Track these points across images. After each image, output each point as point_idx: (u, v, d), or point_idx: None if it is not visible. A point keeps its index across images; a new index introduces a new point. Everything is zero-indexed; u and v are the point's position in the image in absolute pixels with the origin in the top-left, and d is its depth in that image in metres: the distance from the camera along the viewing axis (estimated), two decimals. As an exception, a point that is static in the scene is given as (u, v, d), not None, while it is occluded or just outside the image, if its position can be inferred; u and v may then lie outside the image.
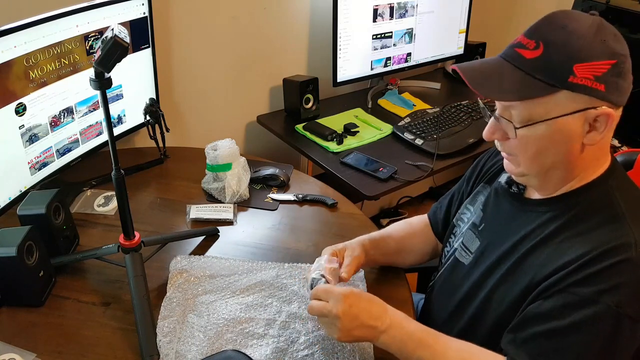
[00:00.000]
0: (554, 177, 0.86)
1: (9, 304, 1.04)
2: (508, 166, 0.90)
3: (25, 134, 1.19)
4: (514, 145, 0.84)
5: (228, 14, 1.73)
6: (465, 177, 1.14)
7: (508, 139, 0.85)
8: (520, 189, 0.95)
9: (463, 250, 1.01)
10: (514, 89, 0.79)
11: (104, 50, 0.82)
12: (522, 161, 0.85)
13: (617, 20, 2.07)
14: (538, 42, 0.78)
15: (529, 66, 0.79)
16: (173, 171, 1.53)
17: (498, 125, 0.85)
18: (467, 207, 1.07)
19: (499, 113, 0.84)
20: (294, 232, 1.30)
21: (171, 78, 1.69)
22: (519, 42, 0.81)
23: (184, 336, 0.98)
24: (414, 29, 2.05)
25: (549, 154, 0.82)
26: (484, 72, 0.83)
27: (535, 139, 0.81)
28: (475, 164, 1.12)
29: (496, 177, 1.03)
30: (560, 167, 0.84)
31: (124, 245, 1.05)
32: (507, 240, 0.91)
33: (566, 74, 0.76)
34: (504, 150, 0.88)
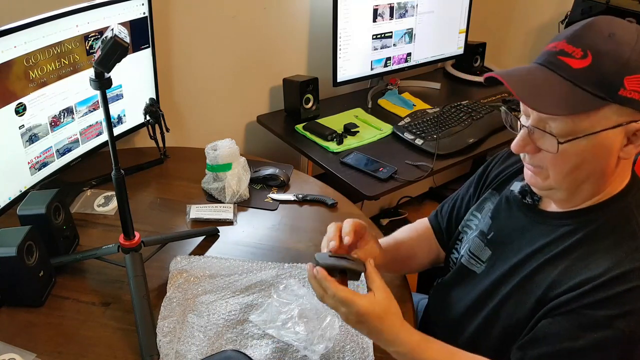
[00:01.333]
0: (584, 191, 0.82)
1: (9, 304, 1.04)
2: (532, 179, 0.84)
3: (25, 134, 1.19)
4: (549, 159, 0.79)
5: (228, 14, 1.73)
6: (470, 183, 1.11)
7: (539, 151, 0.80)
8: (535, 200, 0.91)
9: (472, 258, 0.98)
10: (564, 102, 0.73)
11: (104, 50, 0.82)
12: (555, 175, 0.80)
13: (617, 20, 2.07)
14: (585, 50, 0.73)
15: (578, 77, 0.73)
16: (173, 171, 1.53)
17: (530, 138, 0.79)
18: (474, 214, 1.04)
19: (534, 124, 0.78)
20: (294, 232, 1.30)
21: (171, 78, 1.69)
22: (561, 49, 0.75)
23: (184, 336, 0.98)
24: (414, 29, 2.05)
25: (586, 169, 0.78)
26: (531, 83, 0.76)
27: (575, 154, 0.76)
28: (483, 169, 1.09)
29: (506, 184, 0.99)
30: (593, 181, 0.80)
31: (124, 245, 1.05)
32: (519, 251, 0.88)
33: (617, 86, 0.71)
34: (531, 163, 0.83)
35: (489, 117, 1.89)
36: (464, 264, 1.00)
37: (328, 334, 0.97)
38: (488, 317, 0.90)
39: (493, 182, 1.04)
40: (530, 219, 0.91)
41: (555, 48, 0.76)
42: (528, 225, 0.90)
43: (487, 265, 0.95)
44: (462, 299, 0.97)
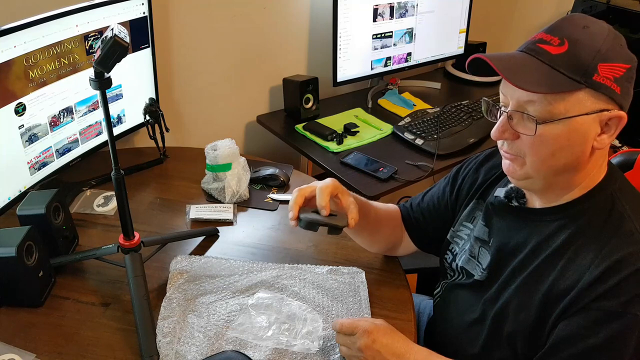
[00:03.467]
0: (560, 181, 0.84)
1: (9, 304, 1.03)
2: (510, 168, 0.86)
3: (24, 133, 1.19)
4: (527, 144, 0.82)
5: (228, 14, 1.73)
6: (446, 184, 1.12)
7: (518, 137, 0.82)
8: (521, 202, 0.93)
9: (476, 265, 0.99)
10: (543, 82, 0.77)
11: (103, 50, 0.82)
12: (532, 162, 0.82)
13: (617, 20, 2.07)
14: (562, 38, 0.78)
15: (555, 61, 0.78)
16: (173, 171, 1.53)
17: (509, 124, 0.83)
18: (465, 224, 1.05)
19: (513, 108, 0.81)
20: (294, 232, 1.30)
21: (171, 78, 1.69)
22: (540, 38, 0.81)
23: (183, 336, 0.98)
24: (414, 29, 2.04)
25: (562, 155, 0.80)
26: (514, 64, 0.80)
27: (552, 138, 0.79)
28: (455, 173, 1.11)
29: (488, 191, 1.01)
30: (569, 170, 0.83)
31: (124, 245, 1.05)
32: (517, 253, 0.89)
33: (591, 71, 0.76)
34: (509, 151, 0.85)
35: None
36: (465, 267, 1.01)
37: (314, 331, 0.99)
38: (493, 322, 0.90)
39: (473, 190, 1.04)
40: (519, 219, 0.92)
41: (534, 38, 0.82)
42: (519, 226, 0.92)
43: (488, 271, 0.95)
44: (469, 310, 0.97)
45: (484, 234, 0.98)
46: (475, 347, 0.94)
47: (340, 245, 1.26)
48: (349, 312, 1.06)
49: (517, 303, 0.87)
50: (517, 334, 0.86)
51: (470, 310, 0.96)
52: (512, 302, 0.87)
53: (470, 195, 1.05)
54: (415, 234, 1.16)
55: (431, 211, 1.13)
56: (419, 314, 1.26)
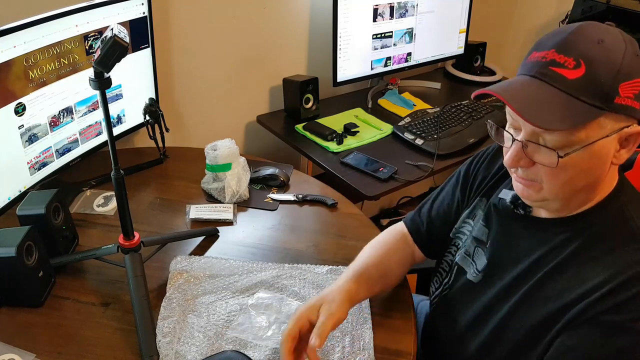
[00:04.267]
0: (578, 199, 0.81)
1: (9, 304, 1.03)
2: (525, 192, 0.81)
3: (24, 134, 1.19)
4: (545, 172, 0.77)
5: (228, 14, 1.73)
6: (454, 187, 1.07)
7: (534, 164, 0.77)
8: (527, 211, 0.89)
9: (470, 266, 0.97)
10: (564, 116, 0.70)
11: (103, 50, 0.82)
12: (550, 188, 0.78)
13: (617, 20, 2.07)
14: (578, 59, 0.71)
15: (574, 88, 0.71)
16: (173, 171, 1.53)
17: (523, 152, 0.77)
18: (466, 221, 1.02)
19: (527, 138, 0.76)
20: (294, 232, 1.30)
21: (171, 78, 1.69)
22: (552, 59, 0.73)
23: (183, 336, 0.98)
24: (414, 29, 2.04)
25: (581, 179, 0.76)
26: (529, 97, 0.73)
27: (572, 166, 0.74)
28: (465, 172, 1.06)
29: (493, 190, 0.97)
30: (588, 189, 0.79)
31: (124, 245, 1.05)
32: (520, 261, 0.87)
33: (613, 94, 0.70)
34: (526, 177, 0.80)
35: (489, 117, 1.89)
36: (459, 263, 0.99)
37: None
38: (494, 332, 0.88)
39: (480, 187, 1.01)
40: (524, 227, 0.89)
41: (544, 58, 0.74)
42: (523, 234, 0.89)
43: (484, 274, 0.93)
44: (464, 312, 0.95)
45: (482, 235, 0.96)
46: (471, 349, 0.92)
47: (340, 245, 1.26)
48: (349, 312, 1.06)
49: (521, 312, 0.84)
50: (517, 342, 0.84)
51: (467, 313, 0.95)
52: (516, 311, 0.85)
53: (476, 192, 1.02)
54: (428, 247, 1.11)
55: (443, 219, 1.08)
56: (418, 314, 1.26)
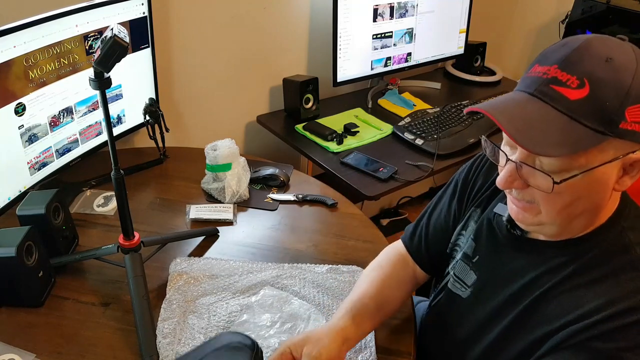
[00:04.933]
0: (577, 225, 0.76)
1: (9, 305, 1.03)
2: (520, 216, 0.77)
3: (24, 134, 1.19)
4: (540, 195, 0.72)
5: (228, 14, 1.73)
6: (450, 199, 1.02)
7: (528, 186, 0.73)
8: (524, 231, 0.84)
9: (457, 282, 0.94)
10: (562, 140, 0.65)
11: (103, 50, 0.82)
12: (547, 212, 0.74)
13: (617, 20, 2.07)
14: (582, 79, 0.65)
15: (576, 110, 0.65)
16: (173, 171, 1.53)
17: (517, 173, 0.72)
18: (461, 233, 0.97)
19: (521, 159, 0.71)
20: (294, 232, 1.30)
21: (171, 78, 1.69)
22: (554, 77, 0.67)
23: (184, 338, 0.98)
24: (414, 29, 2.04)
25: (580, 205, 0.72)
26: (524, 118, 0.67)
27: (570, 192, 0.70)
28: (463, 182, 0.99)
29: (488, 200, 0.93)
30: (587, 215, 0.75)
31: (124, 245, 1.05)
32: (512, 281, 0.83)
33: (618, 119, 0.64)
34: (521, 199, 0.75)
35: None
36: (450, 287, 0.96)
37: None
38: (488, 350, 0.86)
39: (478, 195, 0.96)
40: (518, 247, 0.85)
41: (546, 75, 0.68)
42: (516, 254, 0.85)
43: (473, 290, 0.91)
44: (456, 327, 0.93)
45: (469, 249, 0.92)
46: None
47: (340, 245, 1.26)
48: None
49: (511, 336, 0.82)
50: None
51: (458, 328, 0.93)
52: (507, 334, 0.83)
53: (473, 200, 0.97)
54: (429, 265, 1.05)
55: (441, 235, 1.02)
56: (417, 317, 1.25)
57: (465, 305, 0.92)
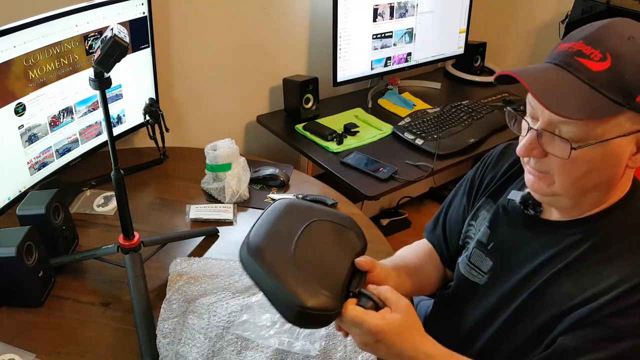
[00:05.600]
0: (589, 199, 0.80)
1: (9, 305, 1.03)
2: (535, 185, 0.80)
3: (24, 134, 1.19)
4: (557, 165, 0.75)
5: (228, 14, 1.73)
6: (463, 193, 1.06)
7: (546, 155, 0.76)
8: (537, 211, 0.87)
9: (473, 269, 0.95)
10: (583, 106, 0.69)
11: (103, 50, 0.82)
12: (561, 182, 0.77)
13: (617, 20, 2.07)
14: (605, 53, 0.70)
15: (597, 80, 0.70)
16: (173, 171, 1.53)
17: (537, 141, 0.76)
18: (470, 224, 1.01)
19: (543, 127, 0.75)
20: (294, 232, 1.30)
21: (171, 78, 1.69)
22: (578, 50, 0.72)
23: (184, 338, 0.98)
24: (414, 29, 2.04)
25: (594, 177, 0.75)
26: (549, 83, 0.72)
27: (585, 161, 0.73)
28: (472, 176, 1.05)
29: (501, 191, 0.96)
30: (600, 189, 0.78)
31: (124, 245, 1.05)
32: (525, 264, 0.86)
33: (636, 92, 0.69)
34: (537, 168, 0.79)
35: (490, 117, 1.89)
36: (464, 274, 0.97)
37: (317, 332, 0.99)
38: (498, 333, 0.88)
39: (487, 188, 1.00)
40: (533, 229, 0.88)
41: (571, 49, 0.73)
42: (531, 236, 0.87)
43: (490, 276, 0.92)
44: (468, 314, 0.95)
45: (484, 237, 0.95)
46: (475, 350, 0.92)
47: (340, 245, 1.26)
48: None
49: (526, 314, 0.83)
50: (522, 343, 0.84)
51: (471, 314, 0.94)
52: (522, 313, 0.84)
53: (482, 194, 1.01)
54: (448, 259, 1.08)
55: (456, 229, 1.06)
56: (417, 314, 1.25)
57: (482, 291, 0.93)
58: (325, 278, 0.75)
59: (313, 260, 0.77)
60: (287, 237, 0.79)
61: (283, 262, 0.75)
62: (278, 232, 0.79)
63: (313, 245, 0.79)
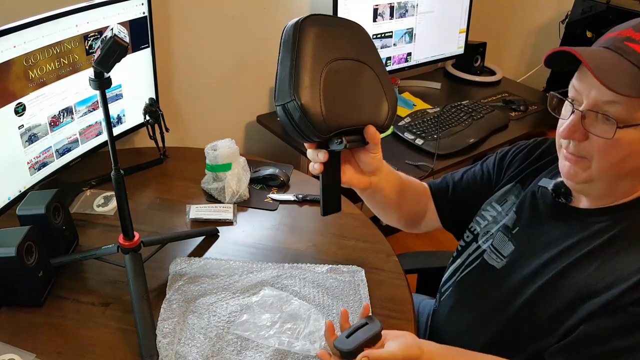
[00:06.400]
0: (622, 186, 0.81)
1: (9, 305, 1.03)
2: (571, 170, 0.81)
3: (24, 134, 1.19)
4: (597, 146, 0.77)
5: (228, 14, 1.73)
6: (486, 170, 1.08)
7: (587, 138, 0.78)
8: (568, 199, 0.89)
9: (494, 253, 0.97)
10: (632, 84, 0.72)
11: (103, 50, 0.82)
12: (599, 165, 0.78)
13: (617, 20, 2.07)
14: None
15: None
16: (173, 171, 1.53)
17: (581, 124, 0.77)
18: (493, 206, 1.02)
19: (589, 108, 0.76)
20: (294, 232, 1.30)
21: (171, 78, 1.69)
22: (628, 36, 0.75)
23: (184, 338, 0.98)
24: (414, 29, 2.04)
25: (631, 162, 0.77)
26: (603, 61, 0.74)
27: (626, 143, 0.75)
28: (501, 158, 1.06)
29: (530, 178, 0.98)
30: (635, 175, 0.79)
31: (124, 245, 1.05)
32: (548, 248, 0.87)
33: None
34: (575, 152, 0.80)
35: (490, 117, 1.89)
36: (486, 259, 0.98)
37: (317, 332, 0.99)
38: (516, 315, 0.88)
39: (516, 175, 1.01)
40: (560, 216, 0.89)
41: (620, 35, 0.76)
42: (557, 222, 0.89)
43: (509, 260, 0.93)
44: (485, 295, 0.95)
45: (510, 221, 0.96)
46: (490, 333, 0.92)
47: (340, 245, 1.26)
48: (350, 311, 1.05)
49: (545, 298, 0.84)
50: (539, 327, 0.84)
51: (487, 298, 0.94)
52: (541, 296, 0.85)
53: (511, 177, 1.02)
54: (444, 211, 1.12)
55: (467, 189, 1.09)
56: (419, 314, 1.26)
57: (498, 276, 0.94)
58: (333, 105, 0.75)
59: (335, 83, 0.75)
60: (336, 50, 0.77)
61: (314, 59, 0.74)
62: (332, 39, 0.77)
63: (348, 78, 0.77)
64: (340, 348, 0.80)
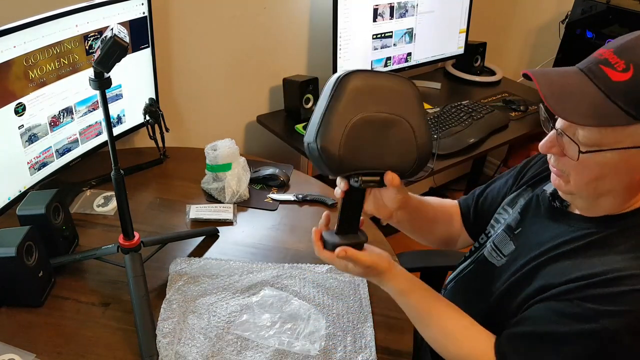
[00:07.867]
0: (605, 203, 0.82)
1: (9, 304, 1.03)
2: (556, 182, 0.85)
3: (24, 134, 1.19)
4: (571, 165, 0.79)
5: (228, 14, 1.73)
6: (509, 177, 1.11)
7: (565, 155, 0.79)
8: (564, 205, 0.91)
9: (494, 250, 0.99)
10: (593, 113, 0.72)
11: (103, 50, 0.82)
12: (575, 182, 0.80)
13: (617, 20, 2.07)
14: (628, 64, 0.71)
15: (613, 90, 0.71)
16: (173, 171, 1.53)
17: (557, 140, 0.79)
18: (505, 209, 1.05)
19: (562, 128, 0.78)
20: (294, 232, 1.30)
21: (171, 78, 1.69)
22: (605, 58, 0.74)
23: (184, 337, 0.98)
24: (414, 29, 2.04)
25: (607, 182, 0.78)
26: (563, 88, 0.75)
27: (596, 165, 0.76)
28: (522, 166, 1.09)
29: (541, 183, 1.00)
30: (615, 195, 0.80)
31: (124, 245, 1.05)
32: (538, 247, 0.89)
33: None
34: (556, 166, 0.83)
35: (490, 117, 1.89)
36: (485, 256, 1.01)
37: (317, 332, 0.99)
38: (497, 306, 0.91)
39: (530, 180, 1.04)
40: (554, 218, 0.92)
41: (601, 56, 0.75)
42: (551, 224, 0.91)
43: (508, 259, 0.95)
44: (484, 292, 0.97)
45: (513, 221, 0.98)
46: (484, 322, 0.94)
47: (340, 245, 1.26)
48: (350, 311, 1.06)
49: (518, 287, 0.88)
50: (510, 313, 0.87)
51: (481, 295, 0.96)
52: (515, 286, 0.88)
53: (526, 182, 1.04)
54: (473, 230, 1.14)
55: (490, 201, 1.12)
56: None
57: (497, 273, 0.96)
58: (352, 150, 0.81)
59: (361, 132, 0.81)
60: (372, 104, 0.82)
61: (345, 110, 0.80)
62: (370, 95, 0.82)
63: (376, 128, 0.82)
64: (326, 239, 0.89)
